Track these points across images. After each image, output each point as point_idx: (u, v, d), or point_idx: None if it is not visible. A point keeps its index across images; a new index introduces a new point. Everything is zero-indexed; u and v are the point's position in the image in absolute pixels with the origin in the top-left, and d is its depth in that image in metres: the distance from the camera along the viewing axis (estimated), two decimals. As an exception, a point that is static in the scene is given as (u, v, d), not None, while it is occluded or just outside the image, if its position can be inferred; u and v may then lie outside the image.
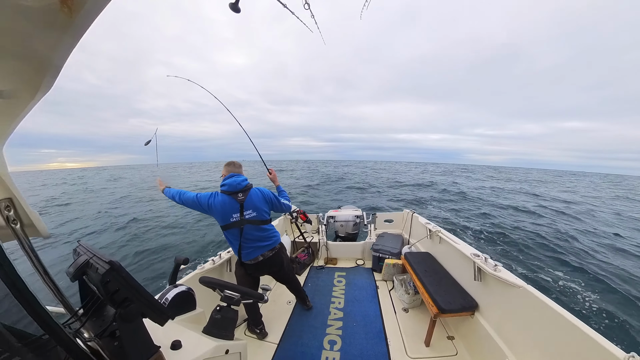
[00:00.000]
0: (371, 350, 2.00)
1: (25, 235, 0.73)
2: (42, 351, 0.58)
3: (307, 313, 2.55)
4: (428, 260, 2.65)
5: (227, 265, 2.48)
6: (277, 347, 2.10)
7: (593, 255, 6.10)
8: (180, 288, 1.31)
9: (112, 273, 0.63)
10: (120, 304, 0.66)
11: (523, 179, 38.03)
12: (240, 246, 1.88)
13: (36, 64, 0.55)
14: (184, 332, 1.00)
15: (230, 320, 1.25)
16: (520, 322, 1.53)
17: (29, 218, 0.72)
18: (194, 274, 2.07)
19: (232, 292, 1.32)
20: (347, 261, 3.74)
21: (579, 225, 9.28)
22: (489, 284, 1.83)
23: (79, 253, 0.76)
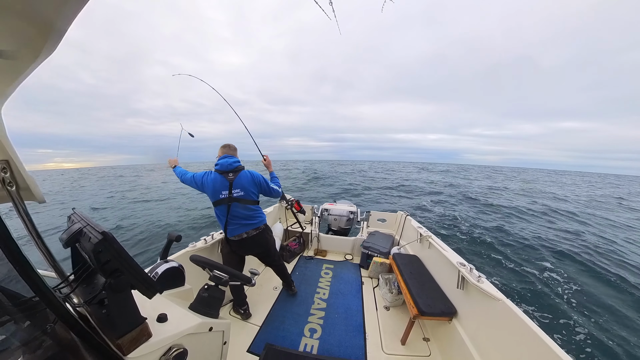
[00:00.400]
0: (349, 342, 2.07)
1: (20, 198, 0.73)
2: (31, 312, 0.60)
3: (292, 300, 2.62)
4: (415, 263, 2.71)
5: (218, 246, 2.51)
6: (259, 329, 2.18)
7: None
8: (171, 264, 1.33)
9: (105, 243, 0.63)
10: (110, 274, 0.67)
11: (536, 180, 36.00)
12: (227, 222, 2.00)
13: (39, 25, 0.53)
14: (170, 306, 1.03)
15: (217, 299, 1.28)
16: (495, 334, 1.59)
17: (25, 181, 0.72)
18: (185, 251, 2.10)
19: (221, 273, 1.34)
20: (336, 254, 3.81)
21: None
22: (470, 293, 1.88)
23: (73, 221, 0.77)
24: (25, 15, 0.50)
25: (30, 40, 0.54)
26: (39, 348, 0.61)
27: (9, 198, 0.70)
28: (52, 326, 0.62)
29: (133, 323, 0.73)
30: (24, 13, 0.49)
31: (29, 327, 0.61)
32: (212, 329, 1.08)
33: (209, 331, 1.06)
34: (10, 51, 0.54)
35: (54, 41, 0.56)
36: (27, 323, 0.62)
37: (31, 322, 0.62)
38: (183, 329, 0.91)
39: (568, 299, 4.12)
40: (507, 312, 1.51)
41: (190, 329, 0.94)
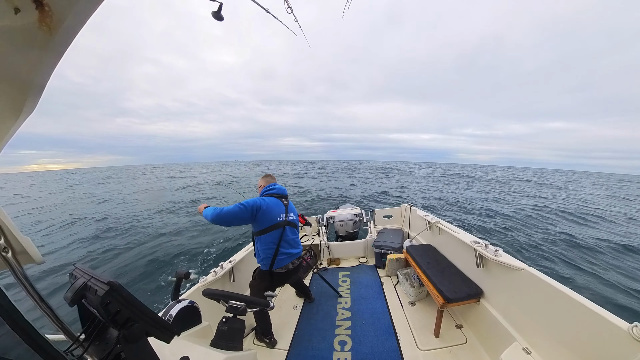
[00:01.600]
0: (382, 347, 1.99)
1: (17, 263, 0.70)
2: None
3: (315, 316, 2.53)
4: (429, 251, 2.67)
5: (229, 276, 2.44)
6: (287, 354, 2.08)
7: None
8: (184, 303, 1.28)
9: (112, 294, 0.61)
10: (122, 325, 0.64)
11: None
12: (277, 250, 1.89)
13: (18, 84, 0.54)
14: (191, 347, 0.98)
15: (238, 330, 1.23)
16: (526, 305, 1.55)
17: (21, 245, 0.70)
18: (197, 287, 2.04)
19: (237, 302, 1.30)
20: (350, 260, 3.74)
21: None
22: (491, 269, 1.86)
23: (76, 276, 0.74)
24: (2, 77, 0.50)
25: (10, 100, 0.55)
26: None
27: (6, 265, 0.67)
28: None
29: None
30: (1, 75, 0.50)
31: None
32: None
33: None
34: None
35: (35, 97, 0.57)
36: None
37: None
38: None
39: None
40: (533, 280, 1.49)
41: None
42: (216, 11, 0.87)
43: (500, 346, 1.58)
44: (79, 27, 0.53)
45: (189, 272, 1.44)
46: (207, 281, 2.13)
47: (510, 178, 38.55)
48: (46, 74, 0.55)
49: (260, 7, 1.09)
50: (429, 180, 21.53)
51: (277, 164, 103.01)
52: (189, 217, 9.84)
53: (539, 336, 1.43)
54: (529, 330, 1.51)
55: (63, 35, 0.51)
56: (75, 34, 0.53)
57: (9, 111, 0.55)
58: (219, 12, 0.88)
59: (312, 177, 30.55)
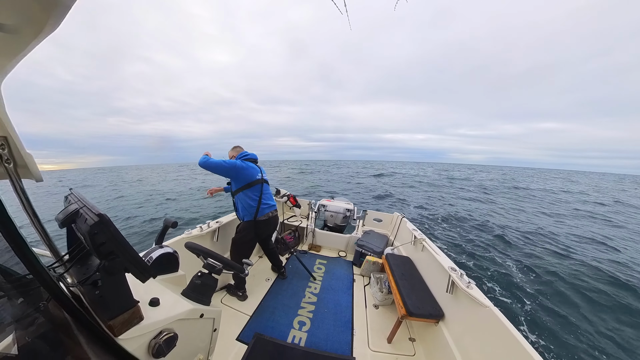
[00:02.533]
0: (336, 337, 2.12)
1: (17, 175, 0.72)
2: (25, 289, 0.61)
3: (284, 292, 2.66)
4: (407, 264, 2.74)
5: (214, 235, 2.52)
6: (249, 319, 2.21)
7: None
8: (166, 249, 1.34)
9: (101, 226, 0.63)
10: (105, 256, 0.67)
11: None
12: (259, 202, 2.28)
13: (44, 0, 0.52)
14: (163, 291, 1.04)
15: (209, 287, 1.29)
16: (479, 339, 1.62)
17: (23, 159, 0.71)
18: (181, 237, 2.11)
19: (215, 261, 1.35)
20: (330, 250, 3.85)
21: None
22: (459, 298, 1.92)
23: (70, 201, 0.76)
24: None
25: (33, 15, 0.53)
26: (32, 325, 0.62)
27: (7, 175, 0.70)
28: (45, 304, 0.63)
29: (125, 305, 0.74)
30: None
31: (22, 304, 0.62)
32: (203, 316, 1.10)
33: (199, 317, 1.08)
34: (11, 25, 0.53)
35: (59, 16, 0.55)
36: (21, 300, 0.62)
37: (25, 299, 0.63)
38: (174, 314, 0.92)
39: None
40: (493, 319, 1.54)
41: (182, 315, 0.96)
42: None
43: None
44: None
45: (176, 222, 1.49)
46: (191, 234, 2.21)
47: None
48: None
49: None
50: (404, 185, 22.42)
51: (274, 165, 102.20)
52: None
53: None
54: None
55: None
56: None
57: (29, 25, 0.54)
58: None
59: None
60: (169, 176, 38.68)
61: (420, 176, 34.36)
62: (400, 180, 27.62)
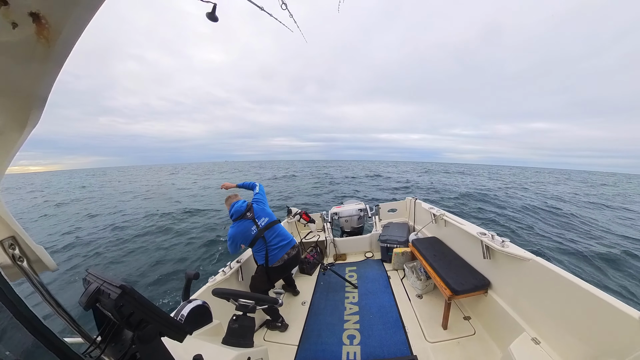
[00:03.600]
0: (390, 340, 2.01)
1: (33, 271, 0.72)
2: None
3: (324, 311, 2.56)
4: (436, 244, 2.66)
5: (237, 275, 2.48)
6: (297, 349, 2.12)
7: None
8: (195, 302, 1.31)
9: (125, 297, 0.63)
10: (136, 327, 0.66)
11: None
12: (267, 252, 2.15)
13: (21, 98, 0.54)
14: (204, 346, 1.01)
15: (248, 328, 1.26)
16: (534, 295, 1.54)
17: (35, 254, 0.72)
18: (207, 286, 2.08)
19: (247, 300, 1.33)
20: (356, 255, 3.76)
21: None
22: (498, 260, 1.84)
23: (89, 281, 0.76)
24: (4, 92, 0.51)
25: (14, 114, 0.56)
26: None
27: (22, 274, 0.70)
28: None
29: None
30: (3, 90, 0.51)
31: None
32: (250, 359, 1.06)
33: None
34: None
35: (38, 110, 0.58)
36: None
37: None
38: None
39: None
40: (541, 270, 1.47)
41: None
42: (210, 12, 0.87)
43: (508, 337, 1.58)
44: (77, 37, 0.53)
45: (198, 273, 1.47)
46: (216, 280, 2.17)
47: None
48: (48, 85, 0.56)
49: (254, 5, 1.08)
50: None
51: (270, 164, 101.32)
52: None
53: (548, 326, 1.42)
54: (538, 321, 1.50)
55: (61, 45, 0.51)
56: (73, 43, 0.54)
57: (14, 124, 0.57)
58: (213, 13, 0.87)
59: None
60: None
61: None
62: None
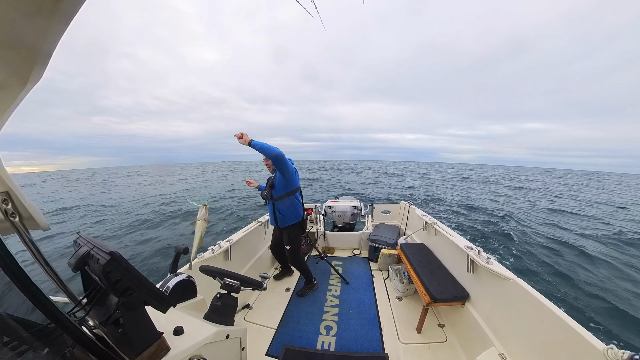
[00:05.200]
0: (365, 336, 2.09)
1: (24, 227, 0.73)
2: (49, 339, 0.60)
3: (305, 300, 2.63)
4: (423, 251, 2.71)
5: (226, 254, 2.52)
6: (275, 332, 2.19)
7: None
8: (181, 276, 1.34)
9: (113, 263, 0.64)
10: (122, 293, 0.67)
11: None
12: (302, 204, 2.52)
13: (25, 52, 0.53)
14: (185, 319, 1.04)
15: (231, 306, 1.29)
16: (509, 313, 1.59)
17: (27, 211, 0.72)
18: (194, 262, 2.11)
19: (232, 280, 1.35)
20: (344, 250, 3.82)
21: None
22: (480, 275, 1.89)
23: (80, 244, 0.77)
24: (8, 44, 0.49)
25: (17, 68, 0.54)
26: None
27: (14, 229, 0.70)
28: (71, 350, 0.63)
29: (150, 339, 0.74)
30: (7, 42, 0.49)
31: (48, 354, 0.62)
32: (229, 337, 1.09)
33: (226, 339, 1.07)
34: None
35: (41, 66, 0.56)
36: (46, 350, 0.62)
37: (50, 348, 0.63)
38: (200, 340, 0.92)
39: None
40: (519, 291, 1.51)
41: (208, 339, 0.95)
42: None
43: (478, 349, 1.65)
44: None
45: (187, 247, 1.49)
46: (204, 257, 2.20)
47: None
48: (53, 42, 0.54)
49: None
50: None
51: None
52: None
53: (517, 345, 1.48)
54: (508, 338, 1.56)
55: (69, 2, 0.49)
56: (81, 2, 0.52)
57: (16, 79, 0.55)
58: None
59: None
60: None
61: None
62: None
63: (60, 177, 25.55)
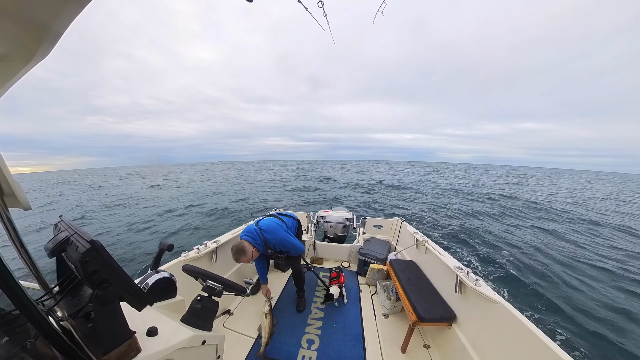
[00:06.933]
0: (348, 352, 2.01)
1: (4, 204, 0.69)
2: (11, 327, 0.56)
3: (288, 310, 2.54)
4: (412, 268, 2.69)
5: (212, 256, 2.44)
6: (254, 342, 2.09)
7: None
8: (162, 274, 1.28)
9: (93, 252, 0.61)
10: (98, 285, 0.64)
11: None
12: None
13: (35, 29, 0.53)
14: (161, 319, 0.99)
15: (210, 311, 1.23)
16: (495, 337, 1.57)
17: (10, 187, 0.69)
18: (177, 261, 2.03)
19: (215, 283, 1.30)
20: (332, 262, 3.76)
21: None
22: (468, 297, 1.88)
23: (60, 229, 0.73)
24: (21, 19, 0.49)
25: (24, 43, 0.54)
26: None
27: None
28: (33, 342, 0.58)
29: (121, 337, 0.70)
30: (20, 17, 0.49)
31: (7, 343, 0.57)
32: (205, 343, 1.04)
33: (201, 345, 1.02)
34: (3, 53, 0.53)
35: (50, 44, 0.56)
36: (6, 339, 0.57)
37: (10, 337, 0.58)
38: (174, 343, 0.87)
39: None
40: (506, 315, 1.50)
41: (182, 343, 0.90)
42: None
43: None
44: None
45: (172, 245, 1.44)
46: (188, 257, 2.13)
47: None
48: (65, 22, 0.54)
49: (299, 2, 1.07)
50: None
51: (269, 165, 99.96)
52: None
53: None
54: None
55: None
56: None
57: (20, 53, 0.54)
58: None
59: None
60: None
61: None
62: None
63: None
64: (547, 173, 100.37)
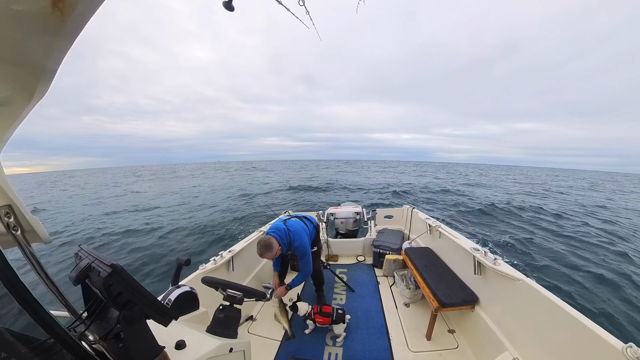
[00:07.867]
0: (373, 345, 2.02)
1: (26, 241, 0.73)
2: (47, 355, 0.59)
3: None
4: (428, 255, 2.67)
5: (228, 265, 2.49)
6: (280, 344, 2.13)
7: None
8: (183, 288, 1.31)
9: (114, 276, 0.63)
10: (123, 306, 0.66)
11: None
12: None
13: (30, 69, 0.55)
14: (187, 332, 1.01)
15: (233, 319, 1.26)
16: (520, 315, 1.55)
17: (30, 224, 0.72)
18: (196, 274, 2.08)
19: (235, 292, 1.33)
20: (348, 258, 3.77)
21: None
22: (488, 277, 1.85)
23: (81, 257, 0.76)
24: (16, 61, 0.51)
25: (23, 84, 0.56)
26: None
27: (15, 242, 0.70)
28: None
29: (151, 353, 0.72)
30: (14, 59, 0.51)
31: None
32: (232, 350, 1.06)
33: (229, 352, 1.04)
34: (4, 97, 0.56)
35: (46, 82, 0.58)
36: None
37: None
38: (203, 354, 0.89)
39: None
40: (530, 291, 1.48)
41: (211, 353, 0.93)
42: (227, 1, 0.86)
43: (491, 354, 1.59)
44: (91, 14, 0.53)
45: (189, 259, 1.48)
46: (206, 269, 2.18)
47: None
48: (58, 59, 0.56)
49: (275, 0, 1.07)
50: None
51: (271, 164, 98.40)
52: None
53: (531, 348, 1.43)
54: (522, 341, 1.51)
55: (75, 21, 0.51)
56: (86, 20, 0.54)
57: (22, 94, 0.57)
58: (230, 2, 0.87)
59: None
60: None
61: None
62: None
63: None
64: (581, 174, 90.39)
